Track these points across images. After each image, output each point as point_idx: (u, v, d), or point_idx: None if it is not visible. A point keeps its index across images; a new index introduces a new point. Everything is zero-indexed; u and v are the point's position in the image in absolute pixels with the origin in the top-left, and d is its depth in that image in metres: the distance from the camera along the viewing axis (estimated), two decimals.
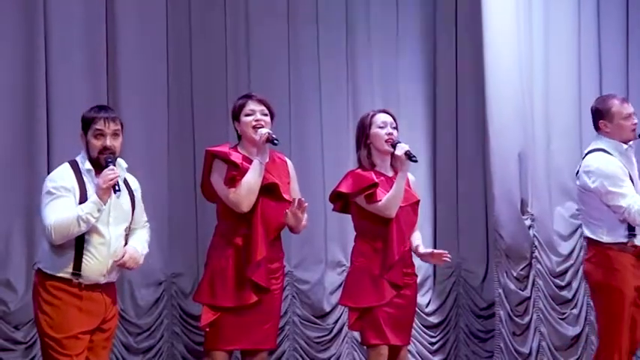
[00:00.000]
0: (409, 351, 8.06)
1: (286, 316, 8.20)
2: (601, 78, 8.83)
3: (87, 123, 5.36)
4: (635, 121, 6.38)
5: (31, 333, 7.77)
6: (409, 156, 5.92)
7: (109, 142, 5.34)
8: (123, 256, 5.29)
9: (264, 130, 5.69)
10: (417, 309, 7.06)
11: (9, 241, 7.89)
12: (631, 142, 6.34)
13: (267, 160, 5.77)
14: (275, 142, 5.68)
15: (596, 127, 6.45)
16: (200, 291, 5.86)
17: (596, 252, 6.39)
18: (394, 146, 6.06)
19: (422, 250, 6.27)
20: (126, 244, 5.36)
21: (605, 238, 6.41)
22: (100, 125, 5.33)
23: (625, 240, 6.33)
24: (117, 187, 5.21)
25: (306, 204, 5.67)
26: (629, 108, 6.40)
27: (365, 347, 6.11)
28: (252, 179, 5.67)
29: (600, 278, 6.39)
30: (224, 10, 8.49)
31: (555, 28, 8.75)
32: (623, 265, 6.31)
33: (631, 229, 6.31)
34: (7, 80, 7.83)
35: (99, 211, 5.20)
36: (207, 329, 5.80)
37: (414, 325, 7.88)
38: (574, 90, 8.80)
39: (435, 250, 6.31)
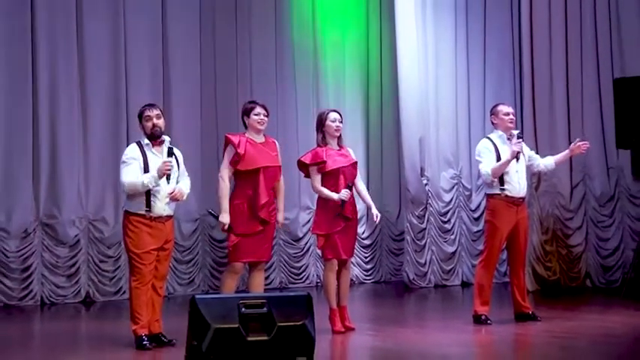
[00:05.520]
0: (352, 262, 8.64)
1: (275, 239, 8.72)
2: (469, 88, 9.48)
3: (140, 115, 5.85)
4: (512, 117, 6.57)
5: (117, 251, 8.57)
6: None
7: (155, 120, 5.73)
8: (174, 190, 5.67)
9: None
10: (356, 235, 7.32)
11: (104, 193, 8.66)
12: (513, 132, 6.39)
13: (263, 140, 6.13)
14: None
15: (492, 122, 6.76)
16: None
17: (487, 200, 6.67)
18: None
19: (373, 210, 6.41)
20: None
21: (485, 191, 6.69)
22: (147, 113, 5.78)
23: (499, 192, 6.55)
24: (169, 176, 5.60)
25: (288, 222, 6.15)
26: (508, 108, 6.64)
27: (323, 260, 6.42)
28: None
29: (486, 216, 6.69)
30: (235, 30, 8.94)
31: (441, 58, 9.39)
32: (498, 208, 6.55)
33: (502, 184, 6.50)
34: (100, 88, 8.47)
35: (154, 183, 5.61)
36: (231, 248, 6.07)
37: (356, 245, 8.17)
38: (452, 98, 9.53)
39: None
